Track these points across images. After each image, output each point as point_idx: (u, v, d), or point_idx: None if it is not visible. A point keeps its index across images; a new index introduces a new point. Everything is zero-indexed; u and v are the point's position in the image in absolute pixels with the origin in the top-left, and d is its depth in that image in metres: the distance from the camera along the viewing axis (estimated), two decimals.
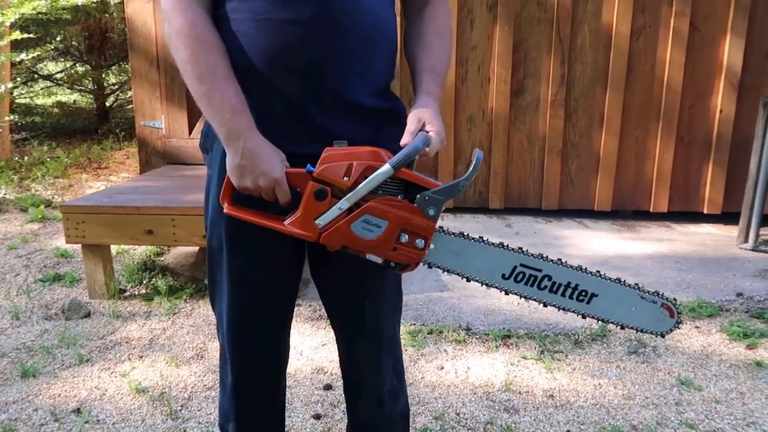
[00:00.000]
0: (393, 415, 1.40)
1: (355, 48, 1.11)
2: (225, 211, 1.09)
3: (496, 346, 2.31)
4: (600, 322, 1.20)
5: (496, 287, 1.16)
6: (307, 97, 1.10)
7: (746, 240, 3.36)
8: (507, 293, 1.17)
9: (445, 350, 2.30)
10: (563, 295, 1.17)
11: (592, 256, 3.24)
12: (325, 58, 1.09)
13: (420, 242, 1.07)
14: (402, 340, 2.31)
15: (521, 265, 1.15)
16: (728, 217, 3.74)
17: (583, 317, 1.19)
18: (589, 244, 3.46)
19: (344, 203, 1.04)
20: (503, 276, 1.15)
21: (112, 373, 2.16)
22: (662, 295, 1.20)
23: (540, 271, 1.16)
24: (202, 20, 1.06)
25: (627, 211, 3.96)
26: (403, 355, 2.20)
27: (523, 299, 1.19)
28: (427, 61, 1.20)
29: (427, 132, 1.08)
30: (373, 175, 1.03)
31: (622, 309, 1.19)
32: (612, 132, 3.79)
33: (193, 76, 1.05)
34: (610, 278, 1.18)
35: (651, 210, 3.89)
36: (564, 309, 1.18)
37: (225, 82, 1.05)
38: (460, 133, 3.87)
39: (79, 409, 1.94)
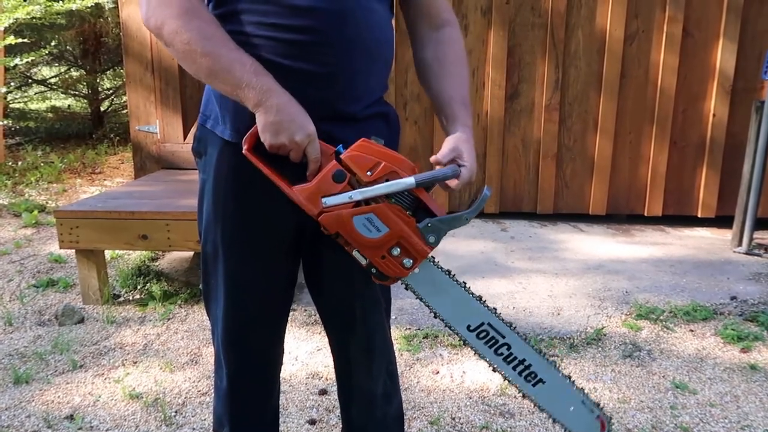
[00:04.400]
0: (386, 417, 1.40)
1: (359, 61, 1.11)
2: (243, 152, 1.07)
3: None
4: (536, 407, 1.20)
5: (458, 334, 1.16)
6: (307, 101, 1.09)
7: (740, 243, 3.37)
8: (465, 344, 1.17)
9: (440, 355, 2.29)
10: (514, 369, 1.16)
11: (587, 260, 3.25)
12: (333, 67, 1.09)
13: (408, 262, 1.07)
14: (397, 345, 2.31)
15: (489, 324, 1.15)
16: (722, 220, 3.75)
17: (524, 397, 1.19)
18: (584, 248, 3.46)
19: (356, 195, 1.04)
20: (468, 327, 1.15)
21: (105, 379, 2.15)
22: (602, 408, 1.21)
23: (503, 337, 1.15)
24: (199, 2, 1.05)
25: (621, 214, 3.96)
26: (399, 360, 2.20)
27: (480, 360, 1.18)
28: (455, 90, 1.22)
29: (461, 166, 1.12)
30: (395, 181, 1.04)
31: (561, 405, 1.19)
32: (606, 136, 3.80)
33: (203, 53, 1.01)
34: (562, 372, 1.19)
35: (645, 214, 3.90)
36: (509, 381, 1.17)
37: (238, 51, 1.03)
38: None
39: (72, 415, 1.93)
